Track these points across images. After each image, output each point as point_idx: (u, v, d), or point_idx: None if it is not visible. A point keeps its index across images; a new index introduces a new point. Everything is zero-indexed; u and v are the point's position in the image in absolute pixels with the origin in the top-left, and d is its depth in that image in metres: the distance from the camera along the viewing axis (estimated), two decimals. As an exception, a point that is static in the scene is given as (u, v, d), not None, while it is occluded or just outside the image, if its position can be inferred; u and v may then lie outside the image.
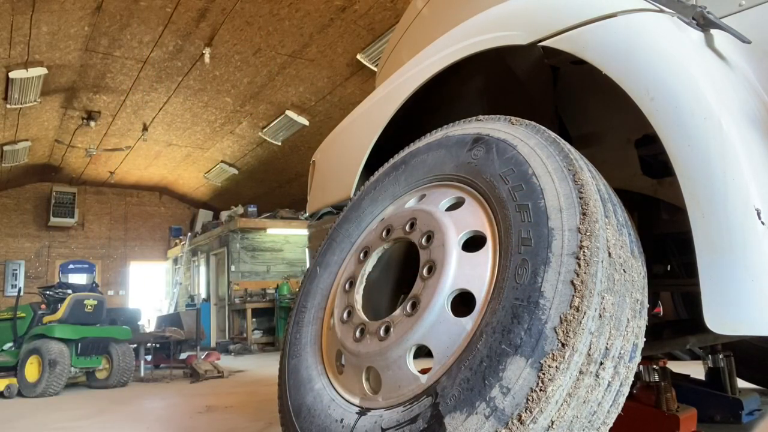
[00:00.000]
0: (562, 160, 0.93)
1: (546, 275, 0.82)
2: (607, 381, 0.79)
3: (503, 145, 1.02)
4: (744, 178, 0.83)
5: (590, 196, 0.86)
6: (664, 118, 0.90)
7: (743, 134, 0.86)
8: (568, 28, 1.07)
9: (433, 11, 1.93)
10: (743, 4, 1.03)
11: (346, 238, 1.32)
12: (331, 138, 1.87)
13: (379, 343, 0.99)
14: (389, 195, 1.28)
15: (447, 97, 1.53)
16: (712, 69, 0.95)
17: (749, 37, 0.96)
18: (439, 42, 1.43)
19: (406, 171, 1.26)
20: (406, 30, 2.10)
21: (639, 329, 0.85)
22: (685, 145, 0.88)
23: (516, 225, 0.91)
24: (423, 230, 1.04)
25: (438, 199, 1.10)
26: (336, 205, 1.70)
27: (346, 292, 1.16)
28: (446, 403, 0.83)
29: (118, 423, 3.16)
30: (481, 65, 1.38)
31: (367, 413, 0.97)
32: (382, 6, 5.88)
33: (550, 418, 0.75)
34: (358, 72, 7.23)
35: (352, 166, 1.57)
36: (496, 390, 0.78)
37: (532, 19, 1.17)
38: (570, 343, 0.76)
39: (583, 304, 0.77)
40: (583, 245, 0.81)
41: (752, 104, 0.94)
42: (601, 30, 1.02)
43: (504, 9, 1.29)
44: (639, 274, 0.88)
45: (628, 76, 0.96)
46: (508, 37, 1.20)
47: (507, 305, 0.83)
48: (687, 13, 1.02)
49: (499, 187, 0.98)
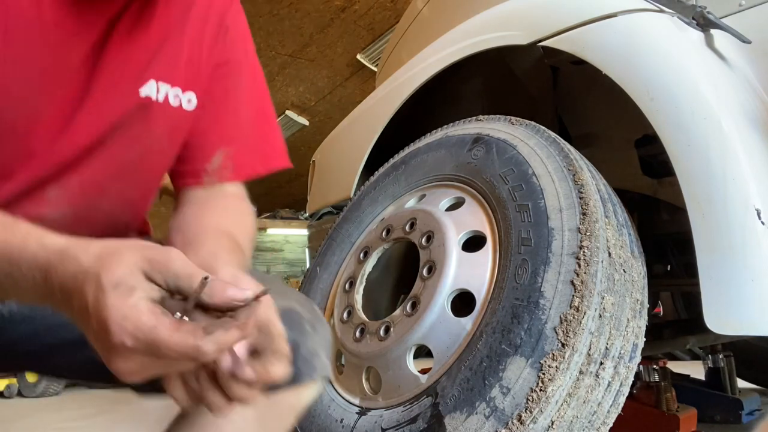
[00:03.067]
0: (562, 160, 0.93)
1: (546, 275, 0.82)
2: (607, 381, 0.79)
3: (503, 145, 1.02)
4: (744, 178, 0.83)
5: (590, 196, 0.86)
6: (664, 118, 0.90)
7: (743, 134, 0.86)
8: (568, 28, 1.07)
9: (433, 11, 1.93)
10: (743, 4, 1.03)
11: (346, 238, 1.32)
12: (331, 138, 1.87)
13: (379, 343, 0.99)
14: (389, 195, 1.28)
15: (447, 97, 1.54)
16: (712, 69, 0.95)
17: (749, 37, 0.96)
18: (440, 42, 1.43)
19: (406, 171, 1.26)
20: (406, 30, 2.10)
21: (639, 329, 0.85)
22: (685, 145, 0.88)
23: (516, 225, 0.91)
24: (423, 230, 1.04)
25: (438, 199, 1.10)
26: (336, 205, 1.70)
27: (346, 292, 1.16)
28: (446, 403, 0.83)
29: (118, 423, 3.16)
30: (481, 65, 1.38)
31: (367, 413, 0.97)
32: (382, 6, 5.88)
33: (550, 418, 0.76)
34: (358, 72, 7.23)
35: (352, 166, 1.57)
36: (496, 390, 0.78)
37: (532, 19, 1.17)
38: (570, 343, 0.76)
39: (583, 304, 0.77)
40: (583, 245, 0.81)
41: (752, 104, 0.94)
42: (601, 30, 1.02)
43: (504, 9, 1.29)
44: (639, 274, 0.88)
45: (628, 76, 0.96)
46: (508, 37, 1.20)
47: (507, 305, 0.83)
48: (687, 13, 1.02)
49: (499, 187, 0.98)
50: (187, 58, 0.71)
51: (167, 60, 0.69)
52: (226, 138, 0.75)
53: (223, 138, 0.75)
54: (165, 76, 0.68)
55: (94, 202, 0.69)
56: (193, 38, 0.71)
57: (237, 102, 0.76)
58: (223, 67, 0.75)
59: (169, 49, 0.69)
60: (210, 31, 0.73)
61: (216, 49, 0.74)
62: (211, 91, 0.74)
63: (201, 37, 0.72)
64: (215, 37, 0.74)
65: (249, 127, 0.78)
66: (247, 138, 0.77)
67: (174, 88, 0.69)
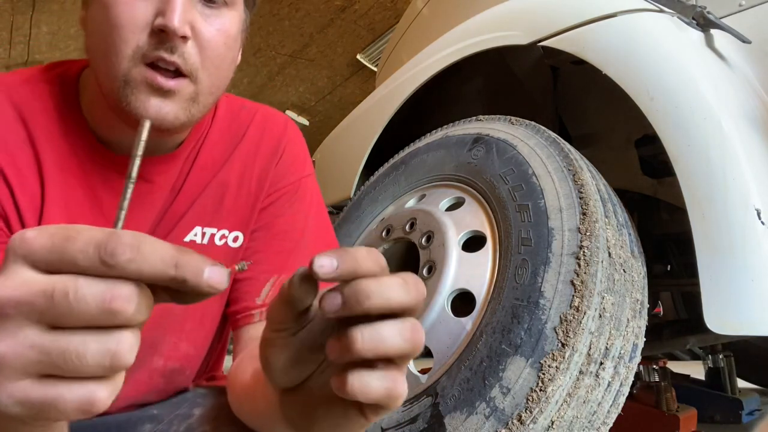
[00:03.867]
0: (562, 160, 0.93)
1: (546, 275, 0.82)
2: (607, 381, 0.79)
3: (503, 145, 1.02)
4: (744, 178, 0.83)
5: (590, 196, 0.86)
6: (664, 118, 0.90)
7: (743, 134, 0.86)
8: (568, 28, 1.07)
9: (433, 11, 1.93)
10: (743, 4, 1.03)
11: (346, 238, 1.32)
12: (331, 138, 1.87)
13: (379, 343, 0.99)
14: (389, 195, 1.28)
15: (447, 97, 1.54)
16: (712, 69, 0.95)
17: (749, 37, 0.96)
18: (439, 42, 1.43)
19: (406, 171, 1.26)
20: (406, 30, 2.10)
21: (639, 329, 0.85)
22: (685, 145, 0.88)
23: (516, 225, 0.91)
24: (423, 230, 1.04)
25: (438, 199, 1.10)
26: (336, 205, 1.70)
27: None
28: (446, 403, 0.83)
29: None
30: (481, 65, 1.38)
31: (367, 413, 0.97)
32: (382, 6, 5.87)
33: (550, 418, 0.75)
34: (358, 72, 7.23)
35: (352, 166, 1.57)
36: (496, 390, 0.78)
37: (532, 19, 1.17)
38: (570, 343, 0.76)
39: (583, 304, 0.77)
40: (583, 245, 0.81)
41: (752, 104, 0.94)
42: (601, 30, 1.02)
43: (504, 9, 1.29)
44: (639, 274, 0.88)
45: (628, 76, 0.96)
46: (508, 37, 1.20)
47: (507, 305, 0.83)
48: (687, 13, 1.02)
49: (499, 187, 0.98)
50: (233, 197, 0.70)
51: (211, 203, 0.68)
52: (278, 266, 0.70)
53: (275, 267, 0.70)
54: (208, 221, 0.68)
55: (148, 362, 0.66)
56: (240, 175, 0.70)
57: (288, 229, 0.72)
58: (274, 195, 0.72)
59: (210, 192, 0.68)
60: (260, 164, 0.72)
61: (267, 182, 0.72)
62: (263, 223, 0.71)
63: (250, 174, 0.71)
64: (266, 169, 0.72)
65: (304, 252, 0.71)
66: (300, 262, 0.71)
67: (221, 230, 0.68)
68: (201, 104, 0.59)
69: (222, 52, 0.59)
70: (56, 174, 0.61)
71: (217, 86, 0.61)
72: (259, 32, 6.50)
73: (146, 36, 0.54)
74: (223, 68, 0.60)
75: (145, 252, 0.28)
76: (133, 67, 0.54)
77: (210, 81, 0.59)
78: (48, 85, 0.64)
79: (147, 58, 0.54)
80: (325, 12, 6.08)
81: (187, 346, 0.70)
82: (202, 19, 0.57)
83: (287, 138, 0.76)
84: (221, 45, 0.59)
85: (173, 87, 0.56)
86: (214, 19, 0.58)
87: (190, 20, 0.55)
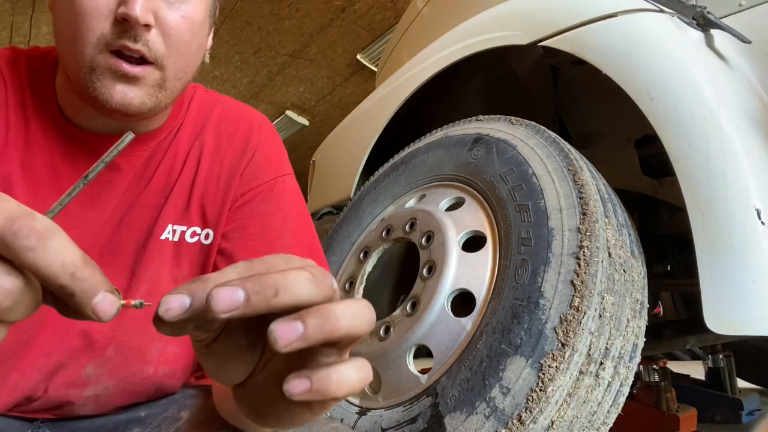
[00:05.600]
0: (562, 160, 0.93)
1: (546, 275, 0.82)
2: (607, 381, 0.79)
3: (503, 145, 1.02)
4: (744, 178, 0.83)
5: (590, 196, 0.86)
6: (664, 118, 0.90)
7: (743, 134, 0.86)
8: (568, 28, 1.07)
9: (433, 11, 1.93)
10: (743, 4, 1.03)
11: (346, 238, 1.32)
12: (331, 138, 1.87)
13: (379, 343, 0.99)
14: (389, 195, 1.28)
15: (447, 97, 1.54)
16: (712, 69, 0.95)
17: (749, 37, 0.96)
18: (439, 42, 1.43)
19: (406, 171, 1.26)
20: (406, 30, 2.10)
21: (639, 329, 0.85)
22: (685, 145, 0.87)
23: (516, 225, 0.91)
24: (423, 230, 1.04)
25: (438, 199, 1.10)
26: (336, 205, 1.70)
27: (346, 292, 1.16)
28: (446, 403, 0.83)
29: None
30: (481, 65, 1.38)
31: (367, 413, 0.97)
32: (382, 6, 5.87)
33: (550, 418, 0.75)
34: (358, 72, 7.23)
35: (352, 166, 1.57)
36: (496, 390, 0.78)
37: (532, 19, 1.17)
38: (570, 343, 0.76)
39: (583, 304, 0.77)
40: (583, 245, 0.81)
41: (752, 104, 0.94)
42: (601, 30, 1.02)
43: (504, 9, 1.29)
44: (639, 274, 0.88)
45: (628, 76, 0.96)
46: (508, 37, 1.20)
47: (507, 305, 0.83)
48: (687, 13, 1.02)
49: (499, 187, 0.98)
50: (201, 195, 0.69)
51: (181, 200, 0.68)
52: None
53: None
54: (179, 218, 0.67)
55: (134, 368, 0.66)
56: (208, 170, 0.70)
57: (264, 229, 0.70)
58: (247, 194, 0.71)
59: (180, 186, 0.68)
60: (229, 160, 0.71)
61: (236, 180, 0.71)
62: (237, 224, 0.70)
63: (219, 169, 0.70)
64: (236, 165, 0.71)
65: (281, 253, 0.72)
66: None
67: (191, 228, 0.68)
68: (168, 90, 0.60)
69: (187, 39, 0.59)
70: (19, 138, 0.61)
71: (185, 71, 0.61)
72: (259, 32, 6.50)
73: (110, 24, 0.54)
74: (189, 54, 0.60)
75: (49, 247, 0.25)
76: (98, 54, 0.55)
77: (177, 67, 0.59)
78: (30, 62, 0.65)
79: (111, 46, 0.54)
80: (325, 12, 6.08)
81: (173, 347, 0.70)
82: (167, 6, 0.57)
83: (260, 136, 0.74)
84: (186, 31, 0.59)
85: (138, 73, 0.56)
86: (179, 5, 0.58)
87: (153, 8, 0.55)
